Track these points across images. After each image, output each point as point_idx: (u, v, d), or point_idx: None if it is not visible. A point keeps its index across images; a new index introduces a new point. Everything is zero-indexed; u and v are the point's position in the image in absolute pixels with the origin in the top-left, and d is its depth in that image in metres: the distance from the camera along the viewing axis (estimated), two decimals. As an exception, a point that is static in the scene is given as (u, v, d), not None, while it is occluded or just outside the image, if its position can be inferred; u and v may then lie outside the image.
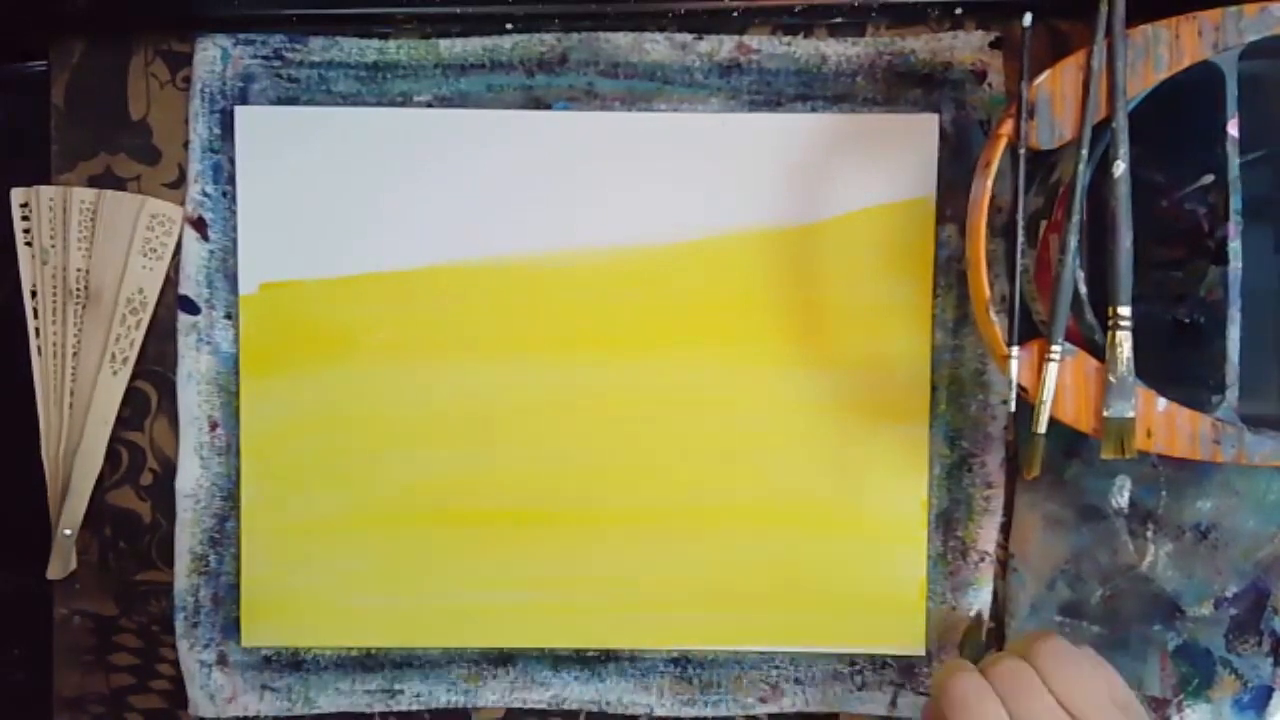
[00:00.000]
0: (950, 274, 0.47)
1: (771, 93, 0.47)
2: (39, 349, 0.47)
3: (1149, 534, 0.47)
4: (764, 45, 0.47)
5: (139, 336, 0.48)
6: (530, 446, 0.48)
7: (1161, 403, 0.39)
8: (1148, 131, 0.39)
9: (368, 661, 0.49)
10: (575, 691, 0.49)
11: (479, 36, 0.47)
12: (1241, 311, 0.38)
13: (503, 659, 0.49)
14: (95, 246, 0.47)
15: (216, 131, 0.47)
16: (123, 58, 0.47)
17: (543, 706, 0.49)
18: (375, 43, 0.47)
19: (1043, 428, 0.39)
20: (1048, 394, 0.39)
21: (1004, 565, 0.48)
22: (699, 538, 0.48)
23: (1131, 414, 0.38)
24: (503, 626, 0.48)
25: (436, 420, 0.48)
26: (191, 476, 0.48)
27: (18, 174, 0.47)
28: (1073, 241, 0.39)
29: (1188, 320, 0.43)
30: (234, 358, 0.48)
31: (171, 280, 0.48)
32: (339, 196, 0.47)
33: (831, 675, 0.48)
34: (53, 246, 0.47)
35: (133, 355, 0.48)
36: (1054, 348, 0.39)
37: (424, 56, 0.47)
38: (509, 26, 0.47)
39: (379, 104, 0.47)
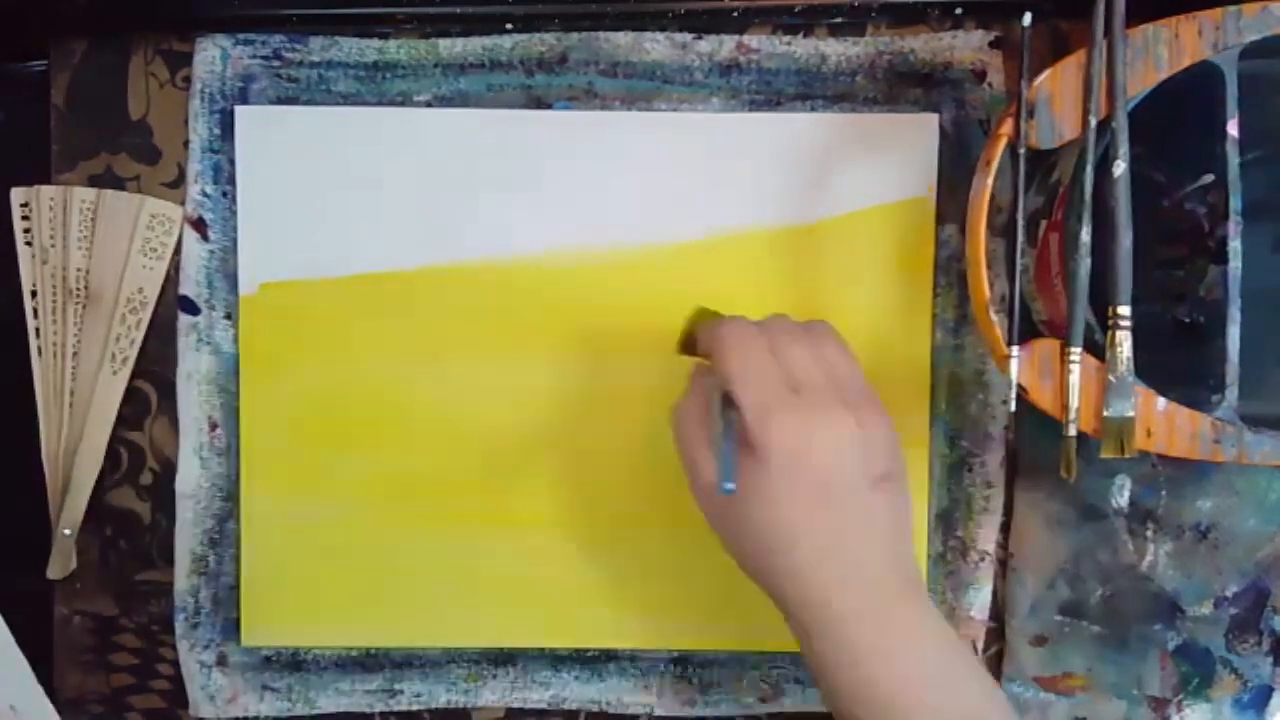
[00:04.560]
0: (950, 274, 0.47)
1: (771, 92, 0.47)
2: (39, 349, 0.47)
3: (1149, 534, 0.47)
4: (764, 45, 0.47)
5: (139, 336, 0.48)
6: (530, 446, 0.48)
7: (1161, 402, 0.39)
8: (1148, 131, 0.39)
9: (368, 661, 0.49)
10: (575, 691, 0.49)
11: (479, 36, 0.47)
12: (1241, 311, 0.38)
13: (503, 659, 0.49)
14: (95, 246, 0.47)
15: (216, 131, 0.47)
16: (123, 58, 0.47)
17: (543, 706, 0.49)
18: (375, 43, 0.47)
19: (1073, 430, 0.39)
20: (1074, 398, 0.39)
21: (1004, 565, 0.48)
22: (699, 538, 0.48)
23: (1131, 413, 0.38)
24: (503, 626, 0.48)
25: (436, 420, 0.48)
26: (191, 477, 0.48)
27: (18, 174, 0.47)
28: (1085, 238, 0.38)
29: (1188, 320, 0.43)
30: (234, 358, 0.48)
31: (171, 280, 0.48)
32: (339, 196, 0.47)
33: (831, 675, 0.48)
34: (53, 246, 0.47)
35: (133, 355, 0.48)
36: (1073, 350, 0.39)
37: (424, 56, 0.47)
38: (509, 26, 0.47)
39: (379, 104, 0.47)
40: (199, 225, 0.48)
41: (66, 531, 0.48)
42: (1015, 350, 0.39)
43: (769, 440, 0.35)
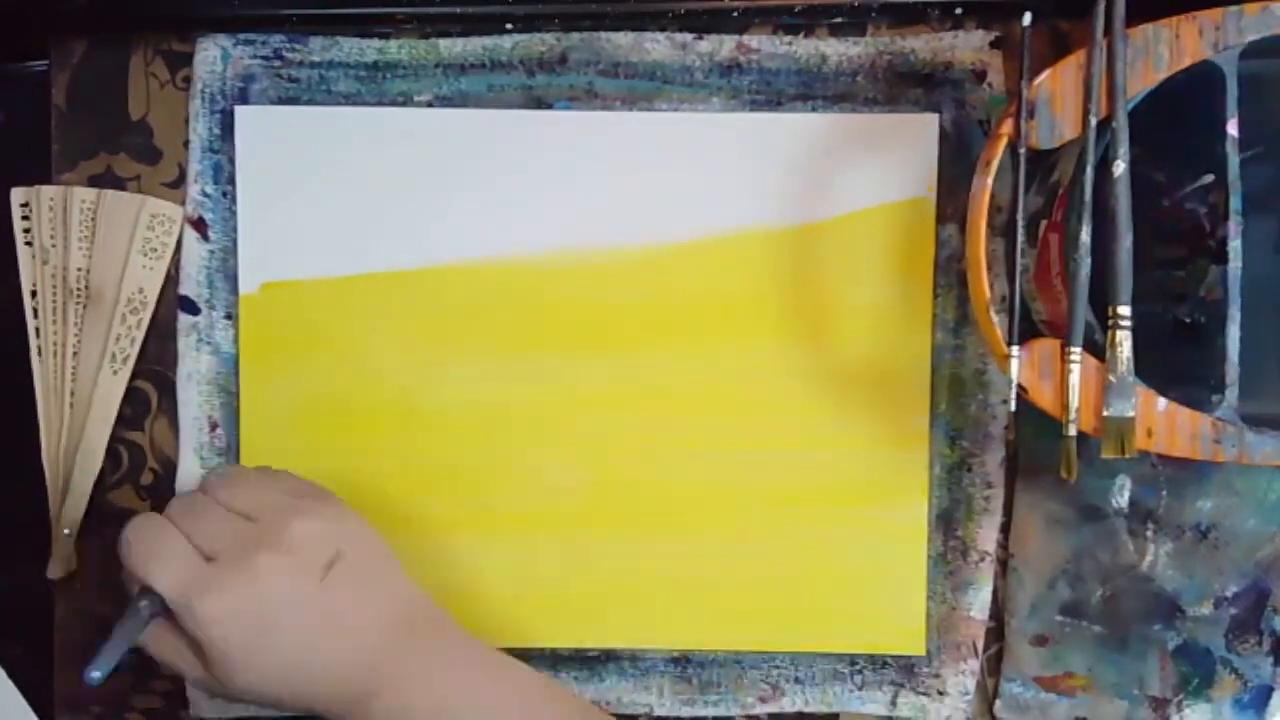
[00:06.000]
0: (950, 274, 0.47)
1: (772, 92, 0.47)
2: (39, 349, 0.47)
3: (1149, 534, 0.47)
4: (764, 45, 0.47)
5: (139, 336, 0.48)
6: (530, 447, 0.48)
7: (1162, 402, 0.39)
8: (1148, 131, 0.39)
9: (368, 661, 0.49)
10: (575, 691, 0.49)
11: (479, 36, 0.47)
12: (1241, 311, 0.38)
13: (503, 659, 0.49)
14: (95, 246, 0.47)
15: (216, 131, 0.47)
16: (123, 58, 0.47)
17: (543, 706, 0.49)
18: (375, 43, 0.47)
19: (1073, 430, 0.39)
20: (1074, 398, 0.39)
21: (1004, 565, 0.48)
22: (699, 537, 0.48)
23: (1132, 413, 0.38)
24: (504, 626, 0.48)
25: (436, 421, 0.48)
26: (192, 476, 0.48)
27: (18, 174, 0.47)
28: (1085, 238, 0.38)
29: (1188, 320, 0.43)
30: (234, 358, 0.48)
31: (172, 280, 0.48)
32: (339, 196, 0.47)
33: (831, 675, 0.48)
34: (53, 246, 0.47)
35: (133, 355, 0.48)
36: (1073, 350, 0.38)
37: (424, 56, 0.47)
38: (509, 26, 0.47)
39: (379, 104, 0.47)
40: (199, 225, 0.48)
41: (66, 531, 0.47)
42: (1015, 350, 0.39)
43: (199, 620, 0.35)
